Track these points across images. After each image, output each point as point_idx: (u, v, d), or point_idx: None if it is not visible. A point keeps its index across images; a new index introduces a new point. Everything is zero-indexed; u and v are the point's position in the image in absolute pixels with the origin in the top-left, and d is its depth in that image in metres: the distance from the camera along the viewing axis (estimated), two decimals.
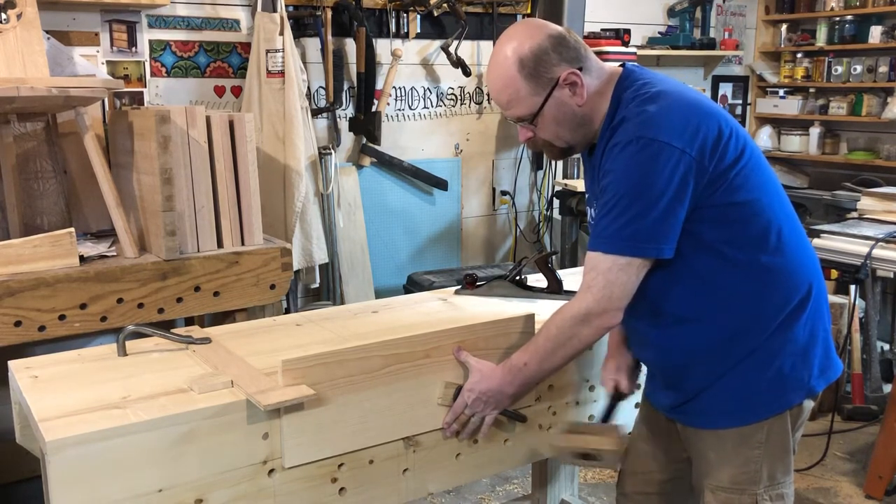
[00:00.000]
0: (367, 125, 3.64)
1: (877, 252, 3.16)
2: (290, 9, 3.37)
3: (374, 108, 3.67)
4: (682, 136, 1.49)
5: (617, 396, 1.89)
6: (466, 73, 3.86)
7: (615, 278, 1.52)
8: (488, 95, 4.11)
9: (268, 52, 3.19)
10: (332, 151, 3.54)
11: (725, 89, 5.03)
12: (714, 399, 1.65)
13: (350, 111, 3.67)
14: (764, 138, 5.06)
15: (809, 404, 1.68)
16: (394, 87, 3.79)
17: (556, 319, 1.62)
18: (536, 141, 1.68)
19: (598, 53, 3.99)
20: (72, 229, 2.40)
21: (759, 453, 1.64)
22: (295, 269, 3.30)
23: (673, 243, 1.52)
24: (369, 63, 3.59)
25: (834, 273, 3.39)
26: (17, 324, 2.26)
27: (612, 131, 1.57)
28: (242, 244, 2.67)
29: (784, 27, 5.01)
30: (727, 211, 1.55)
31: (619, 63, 1.69)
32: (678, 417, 1.75)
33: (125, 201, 2.60)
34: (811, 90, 4.92)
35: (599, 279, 1.53)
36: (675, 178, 1.48)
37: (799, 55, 4.93)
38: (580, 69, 1.59)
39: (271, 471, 1.54)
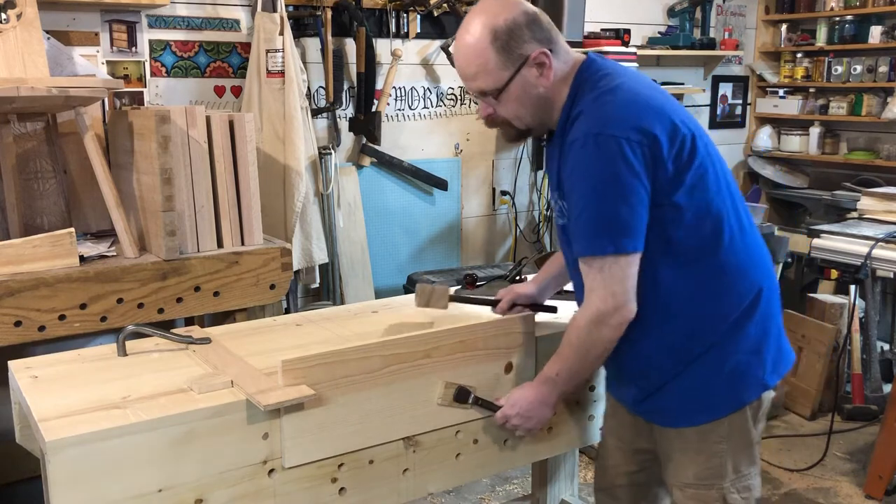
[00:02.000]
0: (367, 125, 3.63)
1: (877, 252, 3.16)
2: (290, 9, 3.37)
3: (374, 108, 3.67)
4: (639, 131, 1.50)
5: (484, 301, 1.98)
6: None
7: (610, 275, 1.54)
8: None
9: (268, 52, 3.19)
10: (332, 151, 3.54)
11: (725, 89, 5.03)
12: (672, 397, 1.68)
13: (350, 111, 3.67)
14: (764, 138, 5.06)
15: (769, 395, 1.72)
16: (394, 87, 3.79)
17: (573, 327, 1.64)
18: (496, 118, 1.67)
19: (599, 53, 4.02)
20: (72, 229, 2.40)
21: (723, 448, 1.67)
22: (295, 269, 3.30)
23: (642, 236, 1.54)
24: (369, 63, 3.58)
25: (834, 273, 3.39)
26: (17, 324, 2.26)
27: (571, 123, 1.58)
28: (242, 244, 2.67)
29: (784, 27, 5.01)
30: (682, 211, 1.57)
31: (583, 52, 1.71)
32: (641, 414, 1.78)
33: (125, 201, 2.60)
34: (811, 90, 4.92)
35: (599, 279, 1.55)
36: (638, 171, 1.50)
37: (799, 55, 4.93)
38: (550, 51, 1.59)
39: (271, 471, 1.54)
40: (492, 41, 1.56)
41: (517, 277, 2.22)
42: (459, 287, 2.31)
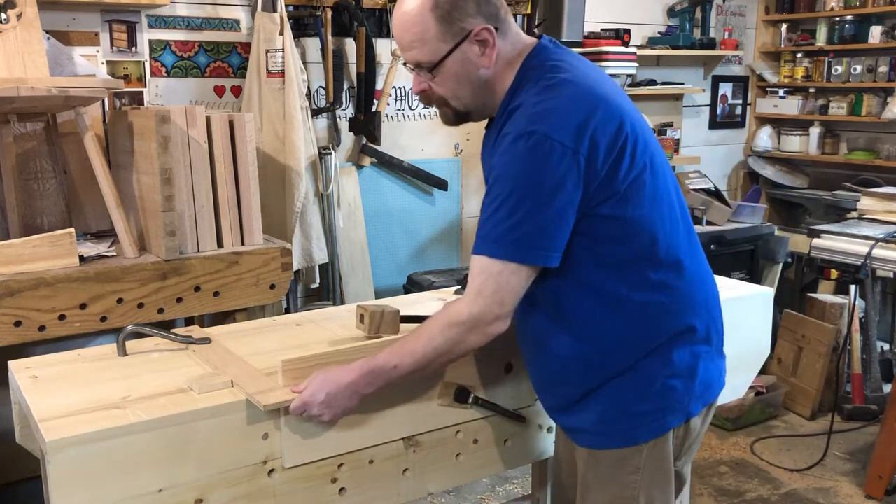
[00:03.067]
0: (367, 125, 3.63)
1: (877, 252, 3.17)
2: (290, 9, 3.37)
3: (374, 108, 3.67)
4: (577, 135, 1.38)
5: None
6: None
7: (506, 283, 1.42)
8: None
9: (268, 52, 3.19)
10: (332, 151, 3.54)
11: (725, 89, 5.03)
12: (589, 416, 1.56)
13: (350, 111, 3.67)
14: (764, 138, 5.06)
15: (696, 427, 1.61)
16: (394, 87, 3.78)
17: (440, 323, 1.48)
18: (431, 96, 1.55)
19: (598, 53, 4.03)
20: (72, 229, 2.40)
21: (637, 479, 1.55)
22: (295, 269, 3.30)
23: (560, 251, 1.43)
24: (369, 63, 3.58)
25: (834, 273, 3.40)
26: (17, 324, 2.26)
27: (508, 115, 1.47)
28: (242, 244, 2.67)
29: (784, 27, 5.01)
30: (614, 225, 1.45)
31: (537, 36, 1.57)
32: (562, 428, 1.69)
33: (125, 201, 2.60)
34: (811, 90, 4.92)
35: (490, 283, 1.43)
36: (567, 180, 1.38)
37: (799, 55, 4.93)
38: (496, 29, 1.48)
39: (271, 471, 1.54)
40: (432, 8, 1.44)
41: None
42: (460, 287, 2.31)
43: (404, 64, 1.55)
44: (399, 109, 3.86)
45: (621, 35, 4.25)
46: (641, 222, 1.47)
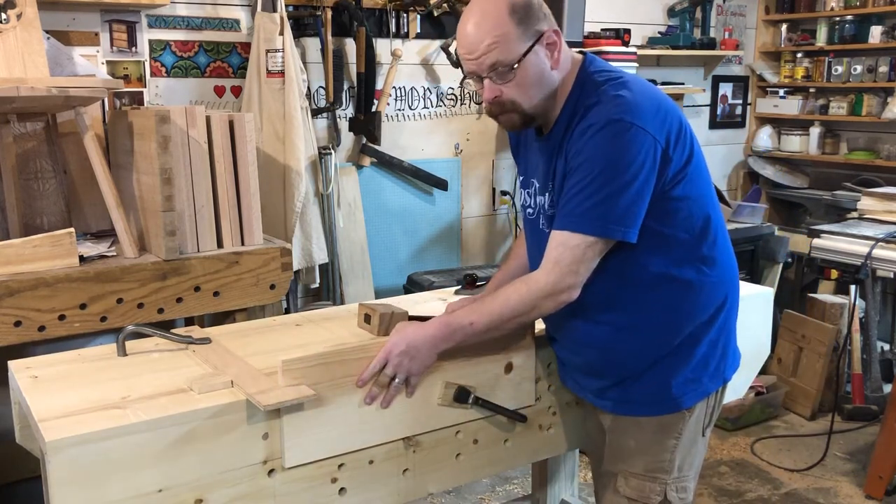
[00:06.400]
0: (367, 125, 3.63)
1: (877, 252, 3.17)
2: (290, 9, 3.37)
3: (374, 108, 3.67)
4: (654, 123, 1.54)
5: None
6: None
7: (583, 256, 1.55)
8: None
9: (268, 52, 3.19)
10: (332, 151, 3.54)
11: (725, 89, 5.03)
12: (641, 388, 1.69)
13: (350, 111, 3.67)
14: (764, 138, 5.06)
15: (722, 397, 1.77)
16: (394, 87, 3.79)
17: (518, 290, 1.61)
18: (503, 101, 1.61)
19: (598, 53, 4.02)
20: (72, 229, 2.40)
21: (675, 443, 1.72)
22: (295, 269, 3.30)
23: (637, 228, 1.56)
24: (369, 63, 3.58)
25: (834, 273, 3.40)
26: (17, 324, 2.26)
27: (584, 111, 1.58)
28: (242, 244, 2.67)
29: (784, 27, 5.01)
30: (683, 204, 1.61)
31: (580, 51, 1.73)
32: (600, 404, 1.79)
33: (125, 201, 2.60)
34: (811, 90, 4.92)
35: (567, 255, 1.56)
36: (647, 163, 1.53)
37: (799, 55, 4.93)
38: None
39: (271, 471, 1.54)
40: (510, 13, 1.55)
41: None
42: (459, 287, 2.31)
43: (465, 79, 1.63)
44: (399, 109, 3.86)
45: (621, 35, 4.25)
46: (700, 200, 1.65)
